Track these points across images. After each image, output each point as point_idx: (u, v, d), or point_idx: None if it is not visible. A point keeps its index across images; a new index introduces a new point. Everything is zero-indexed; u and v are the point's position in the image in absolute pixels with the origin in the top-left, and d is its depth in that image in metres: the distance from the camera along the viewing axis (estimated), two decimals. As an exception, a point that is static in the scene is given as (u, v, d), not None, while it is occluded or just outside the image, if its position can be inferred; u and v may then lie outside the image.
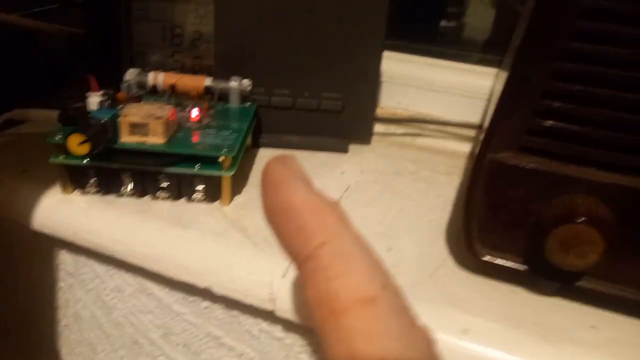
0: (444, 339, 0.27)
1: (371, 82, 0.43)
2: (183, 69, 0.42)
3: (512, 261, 0.29)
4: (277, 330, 0.32)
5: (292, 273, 0.30)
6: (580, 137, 0.26)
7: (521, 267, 0.29)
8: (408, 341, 0.11)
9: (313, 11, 0.40)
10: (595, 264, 0.25)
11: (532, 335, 0.27)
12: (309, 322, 0.29)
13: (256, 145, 0.43)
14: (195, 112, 0.36)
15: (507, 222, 0.28)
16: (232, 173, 0.34)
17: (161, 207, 0.34)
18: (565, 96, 0.25)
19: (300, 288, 0.27)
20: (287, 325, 0.31)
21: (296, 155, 0.43)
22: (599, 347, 0.26)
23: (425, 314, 0.28)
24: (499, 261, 0.29)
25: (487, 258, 0.29)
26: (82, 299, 0.39)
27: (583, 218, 0.25)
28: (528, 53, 0.25)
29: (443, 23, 0.64)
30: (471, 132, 0.48)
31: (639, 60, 0.24)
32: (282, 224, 0.13)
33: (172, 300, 0.35)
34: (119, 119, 0.32)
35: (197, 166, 0.34)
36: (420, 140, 0.49)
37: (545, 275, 0.28)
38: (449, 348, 0.26)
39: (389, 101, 0.53)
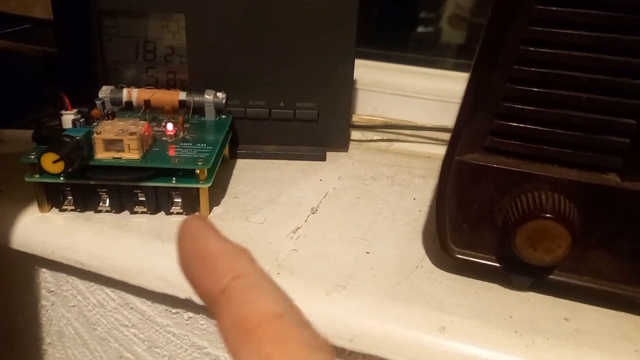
0: (421, 337, 0.27)
1: (345, 90, 0.44)
2: (157, 84, 0.43)
3: (485, 258, 0.30)
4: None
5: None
6: (541, 136, 0.27)
7: (494, 263, 0.29)
8: (314, 346, 0.13)
9: (283, 23, 0.41)
10: (563, 258, 0.26)
11: (506, 330, 0.27)
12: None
13: (233, 156, 0.44)
14: (170, 127, 0.37)
15: (478, 220, 0.29)
16: (208, 185, 0.34)
17: (139, 222, 0.34)
18: (524, 99, 0.26)
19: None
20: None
21: (274, 164, 0.43)
22: (571, 338, 0.27)
23: (403, 314, 0.28)
24: (472, 258, 0.30)
25: (460, 256, 0.30)
26: (65, 316, 0.39)
27: (548, 214, 0.26)
28: (486, 59, 0.26)
29: (420, 29, 0.66)
30: (446, 136, 0.49)
31: (588, 62, 0.25)
32: (197, 269, 0.15)
33: (155, 312, 0.35)
34: (94, 136, 0.33)
35: (173, 179, 0.34)
36: (396, 145, 0.50)
37: (518, 271, 0.29)
38: (426, 346, 0.27)
39: (365, 108, 0.54)
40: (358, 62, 0.45)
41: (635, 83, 0.24)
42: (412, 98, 0.53)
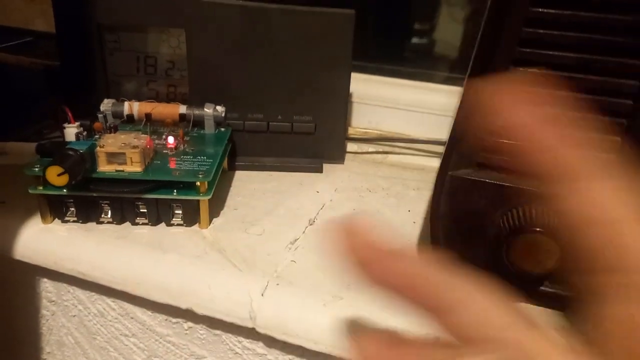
0: (416, 347, 0.28)
1: (341, 103, 0.45)
2: (158, 98, 0.44)
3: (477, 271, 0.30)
4: (259, 347, 0.33)
5: (270, 291, 0.31)
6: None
7: (486, 275, 0.30)
8: None
9: (281, 38, 0.42)
10: (553, 270, 0.27)
11: (498, 339, 0.28)
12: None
13: (232, 168, 0.45)
14: (171, 140, 0.38)
15: (470, 233, 0.30)
16: (209, 197, 0.35)
17: (140, 233, 0.35)
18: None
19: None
20: (268, 341, 0.32)
21: (272, 176, 0.44)
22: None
23: (398, 324, 0.29)
24: (465, 271, 0.30)
25: (453, 268, 0.31)
26: (65, 325, 0.40)
27: (538, 228, 0.27)
28: (481, 66, 0.27)
29: (414, 40, 0.67)
30: (440, 148, 0.50)
31: (583, 64, 0.25)
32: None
33: (155, 322, 0.36)
34: (97, 150, 0.33)
35: (174, 191, 0.35)
36: (391, 158, 0.51)
37: (510, 283, 0.30)
38: (421, 355, 0.28)
39: (361, 121, 0.56)
40: (354, 76, 0.46)
41: (630, 83, 0.25)
42: (407, 111, 0.54)
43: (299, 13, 0.42)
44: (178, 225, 0.36)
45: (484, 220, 0.29)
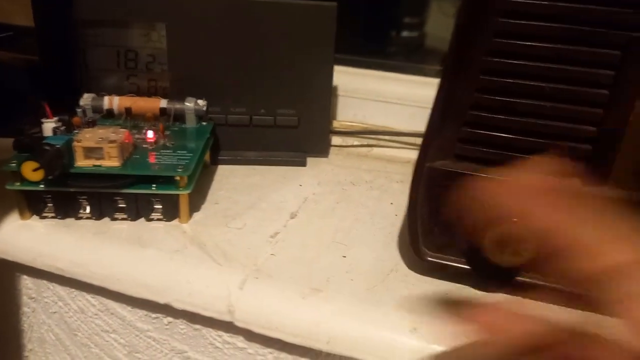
0: (394, 337, 0.28)
1: (324, 97, 0.45)
2: (139, 92, 0.43)
3: (455, 261, 0.30)
4: (239, 341, 0.33)
5: (249, 285, 0.31)
6: (508, 143, 0.28)
7: (464, 266, 0.30)
8: None
9: (263, 31, 0.42)
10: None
11: (476, 330, 0.28)
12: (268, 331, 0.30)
13: (215, 162, 0.44)
14: (150, 134, 0.37)
15: (448, 224, 0.30)
16: (188, 191, 0.35)
17: (120, 228, 0.35)
18: (491, 107, 0.27)
19: None
20: (248, 335, 0.32)
21: (255, 170, 0.44)
22: (538, 338, 0.28)
23: (377, 315, 0.29)
24: (443, 261, 0.31)
25: (431, 259, 0.31)
26: (46, 322, 0.39)
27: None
28: (454, 70, 0.27)
29: (404, 34, 0.67)
30: (423, 141, 0.50)
31: (550, 73, 0.26)
32: None
33: (135, 318, 0.36)
34: (74, 144, 0.33)
35: (153, 186, 0.35)
36: (376, 151, 0.51)
37: (488, 273, 0.30)
38: (399, 346, 0.28)
39: (346, 114, 0.55)
40: (339, 69, 0.46)
41: (595, 92, 0.26)
42: (392, 104, 0.54)
43: (280, 5, 0.41)
44: (158, 220, 0.36)
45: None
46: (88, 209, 0.35)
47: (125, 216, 0.35)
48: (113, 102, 0.40)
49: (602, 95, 0.25)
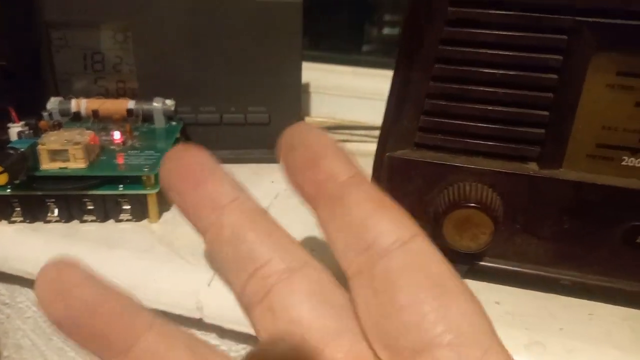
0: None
1: (294, 93, 0.45)
2: (108, 94, 0.43)
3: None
4: (212, 338, 0.33)
5: (217, 281, 0.31)
6: (465, 130, 0.28)
7: (429, 254, 0.31)
8: None
9: (230, 29, 0.42)
10: (488, 244, 0.28)
11: (441, 316, 0.29)
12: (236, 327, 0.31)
13: (186, 162, 0.44)
14: (117, 135, 0.37)
15: (410, 213, 0.30)
16: (156, 190, 0.35)
17: (88, 230, 0.35)
18: (446, 95, 0.27)
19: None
20: (220, 331, 0.33)
21: (227, 168, 0.44)
22: (502, 320, 0.28)
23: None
24: (408, 251, 0.31)
25: (396, 249, 0.31)
26: (21, 328, 0.39)
27: (472, 204, 0.27)
28: (408, 59, 0.27)
29: (386, 31, 0.67)
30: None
31: (501, 59, 0.26)
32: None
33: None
34: (38, 147, 0.33)
35: (121, 187, 0.35)
36: (349, 146, 0.51)
37: (451, 259, 0.30)
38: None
39: (320, 111, 0.56)
40: (312, 66, 0.46)
41: (546, 77, 0.26)
42: (367, 100, 0.55)
43: (246, 3, 0.42)
44: (127, 220, 0.36)
45: (422, 198, 0.29)
46: (56, 212, 0.35)
47: (94, 218, 0.35)
48: (80, 104, 0.40)
49: (552, 79, 0.26)
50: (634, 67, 0.25)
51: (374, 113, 0.54)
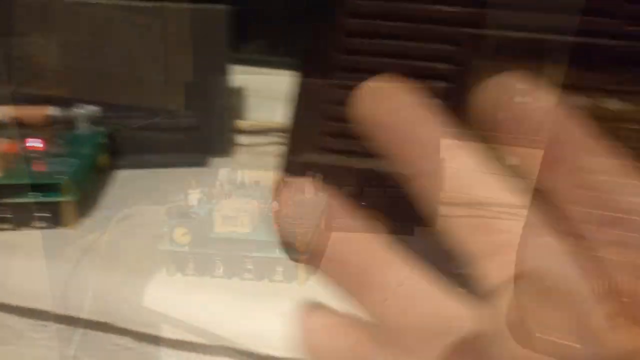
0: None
1: (223, 97, 0.46)
2: (31, 101, 0.43)
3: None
4: (129, 342, 0.34)
5: (130, 285, 0.31)
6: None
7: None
8: None
9: (156, 37, 0.42)
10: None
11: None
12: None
13: (114, 167, 0.44)
14: (35, 142, 0.37)
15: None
16: (74, 198, 0.35)
17: (3, 239, 0.35)
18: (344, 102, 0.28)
19: None
20: (135, 335, 0.33)
21: (155, 173, 0.45)
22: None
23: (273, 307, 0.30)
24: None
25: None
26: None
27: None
28: (308, 67, 0.28)
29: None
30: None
31: (398, 69, 0.27)
32: None
33: (26, 327, 0.35)
34: (-52, 156, 0.33)
35: (40, 195, 0.35)
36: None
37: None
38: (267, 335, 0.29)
39: (257, 114, 0.56)
40: (249, 70, 0.47)
41: (447, 48, 0.27)
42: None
43: (168, 10, 0.42)
44: (45, 228, 0.36)
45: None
46: (-30, 221, 0.35)
47: (10, 226, 0.35)
48: (2, 112, 0.40)
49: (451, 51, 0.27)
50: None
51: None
